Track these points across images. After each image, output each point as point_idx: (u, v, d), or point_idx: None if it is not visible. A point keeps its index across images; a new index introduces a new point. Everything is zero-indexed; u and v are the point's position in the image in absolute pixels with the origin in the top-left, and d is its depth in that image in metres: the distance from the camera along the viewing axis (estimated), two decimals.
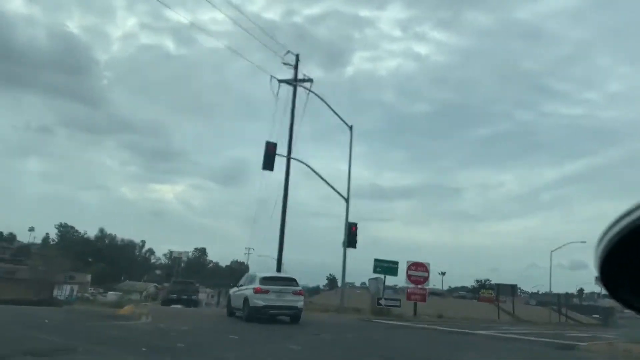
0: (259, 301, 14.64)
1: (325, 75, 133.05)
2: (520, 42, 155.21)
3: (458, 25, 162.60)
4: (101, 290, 67.28)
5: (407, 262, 25.47)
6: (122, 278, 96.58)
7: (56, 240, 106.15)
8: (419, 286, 24.98)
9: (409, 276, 25.04)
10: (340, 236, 24.98)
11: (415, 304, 24.82)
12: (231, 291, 18.39)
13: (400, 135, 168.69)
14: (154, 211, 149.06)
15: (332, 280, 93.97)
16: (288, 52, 31.94)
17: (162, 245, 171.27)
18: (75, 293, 49.28)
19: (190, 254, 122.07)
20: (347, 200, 25.34)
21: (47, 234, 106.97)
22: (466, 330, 16.89)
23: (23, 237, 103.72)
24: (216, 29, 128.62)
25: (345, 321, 18.62)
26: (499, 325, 23.70)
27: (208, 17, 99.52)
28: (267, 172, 24.37)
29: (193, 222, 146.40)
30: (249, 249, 66.92)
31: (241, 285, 16.80)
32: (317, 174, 25.47)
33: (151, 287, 75.44)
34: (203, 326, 13.07)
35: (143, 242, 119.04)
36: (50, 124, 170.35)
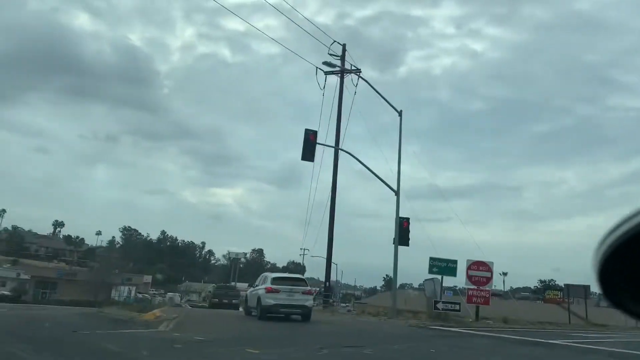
0: (270, 300, 15.14)
1: (379, 76, 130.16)
2: (580, 34, 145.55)
3: (514, 20, 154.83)
4: (162, 291, 68.42)
5: (467, 261, 22.70)
6: (182, 279, 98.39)
7: (121, 243, 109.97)
8: (481, 287, 22.17)
9: (469, 277, 22.28)
10: None
11: (477, 308, 22.07)
12: (248, 291, 18.78)
13: (456, 134, 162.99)
14: (214, 214, 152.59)
15: (388, 282, 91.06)
16: (334, 42, 30.26)
17: (221, 246, 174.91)
18: (133, 294, 49.95)
19: (248, 254, 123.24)
20: (397, 192, 23.03)
21: (113, 237, 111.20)
22: (542, 340, 13.95)
23: (91, 241, 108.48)
24: (271, 35, 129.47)
25: (394, 328, 16.32)
26: (576, 332, 20.47)
27: (262, 24, 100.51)
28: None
29: (251, 223, 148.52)
30: (304, 249, 65.91)
31: (256, 286, 17.16)
32: (364, 165, 23.36)
33: (210, 287, 76.09)
34: (221, 335, 11.35)
35: (203, 243, 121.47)
36: (115, 132, 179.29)
